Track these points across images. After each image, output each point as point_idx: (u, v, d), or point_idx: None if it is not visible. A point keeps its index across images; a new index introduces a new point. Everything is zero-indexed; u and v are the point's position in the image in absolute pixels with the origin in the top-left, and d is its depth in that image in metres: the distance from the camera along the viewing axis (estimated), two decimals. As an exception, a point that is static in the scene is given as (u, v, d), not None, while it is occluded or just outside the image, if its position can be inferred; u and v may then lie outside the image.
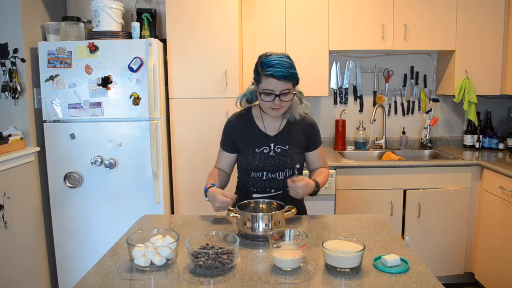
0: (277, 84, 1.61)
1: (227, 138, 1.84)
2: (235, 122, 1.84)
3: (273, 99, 1.64)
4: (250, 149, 1.77)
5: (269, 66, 1.61)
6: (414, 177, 2.92)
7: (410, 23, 3.11)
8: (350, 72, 3.49)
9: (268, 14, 3.09)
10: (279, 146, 1.76)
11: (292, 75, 1.62)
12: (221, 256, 1.25)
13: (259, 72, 1.66)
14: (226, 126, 1.85)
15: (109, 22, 2.73)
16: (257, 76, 1.68)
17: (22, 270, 2.57)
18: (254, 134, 1.79)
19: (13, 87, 2.59)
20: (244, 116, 1.84)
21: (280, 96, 1.63)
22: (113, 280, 1.21)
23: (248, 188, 1.81)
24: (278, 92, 1.63)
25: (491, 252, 2.81)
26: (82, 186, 2.73)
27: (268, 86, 1.63)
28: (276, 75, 1.59)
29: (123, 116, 2.69)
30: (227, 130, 1.85)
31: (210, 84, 2.83)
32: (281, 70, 1.59)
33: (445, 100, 3.53)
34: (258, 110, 1.81)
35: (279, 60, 1.62)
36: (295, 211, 1.57)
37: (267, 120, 1.79)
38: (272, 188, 1.78)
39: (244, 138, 1.79)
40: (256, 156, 1.76)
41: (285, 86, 1.62)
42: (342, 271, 1.24)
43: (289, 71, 1.61)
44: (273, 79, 1.60)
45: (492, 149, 3.34)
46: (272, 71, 1.60)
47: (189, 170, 2.88)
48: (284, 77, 1.60)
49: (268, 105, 1.68)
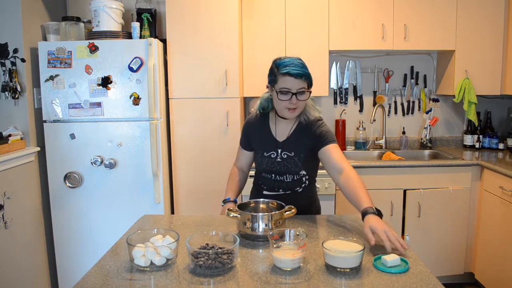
0: (293, 82, 1.66)
1: (245, 137, 1.92)
2: (252, 123, 1.91)
3: (289, 98, 1.68)
4: (260, 152, 1.85)
5: (285, 65, 1.68)
6: (414, 177, 2.91)
7: (410, 23, 3.11)
8: (350, 72, 3.49)
9: (268, 14, 3.09)
10: (285, 152, 1.80)
11: (307, 75, 1.69)
12: (221, 256, 1.25)
13: (275, 72, 1.71)
14: (245, 124, 1.94)
15: (109, 22, 2.73)
16: (273, 77, 1.72)
17: (22, 270, 2.57)
18: (265, 137, 1.85)
19: (13, 87, 2.60)
20: (261, 118, 1.90)
21: (297, 95, 1.68)
22: (113, 280, 1.21)
23: (260, 185, 1.89)
24: (294, 90, 1.67)
25: (491, 252, 2.81)
26: (82, 186, 2.73)
27: (285, 85, 1.67)
28: (292, 73, 1.65)
29: (123, 116, 2.69)
30: (245, 129, 1.93)
31: (210, 84, 2.84)
32: (296, 68, 1.66)
33: (445, 100, 3.53)
34: (274, 115, 1.86)
35: (294, 61, 1.69)
36: (295, 211, 1.57)
37: (279, 125, 1.84)
38: (280, 188, 1.84)
39: (257, 140, 1.87)
40: (264, 159, 1.83)
41: (301, 85, 1.67)
42: (342, 271, 1.24)
43: (304, 70, 1.68)
44: (290, 77, 1.66)
45: (492, 149, 3.34)
46: (288, 69, 1.66)
47: (189, 170, 2.88)
48: (300, 76, 1.66)
49: (284, 105, 1.71)
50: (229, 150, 2.79)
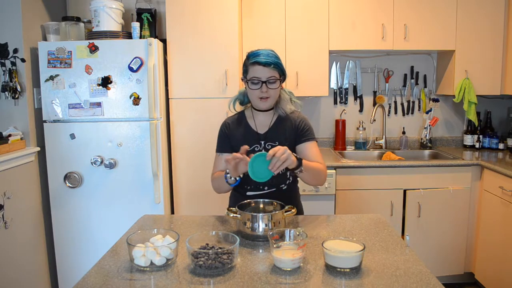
0: (263, 71, 1.70)
1: (224, 139, 1.88)
2: (229, 124, 1.90)
3: (260, 87, 1.71)
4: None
5: (254, 56, 1.73)
6: (414, 177, 2.92)
7: (410, 23, 3.11)
8: (350, 72, 3.49)
9: (268, 14, 3.09)
10: (269, 143, 1.80)
11: (277, 64, 1.72)
12: (221, 256, 1.25)
13: (246, 63, 1.76)
14: (221, 128, 1.91)
15: (109, 22, 2.73)
16: (244, 68, 1.77)
17: (22, 270, 2.57)
18: (246, 133, 1.84)
19: (13, 87, 2.59)
20: (237, 118, 1.90)
21: (267, 84, 1.71)
22: (113, 280, 1.21)
23: (242, 186, 1.84)
24: (264, 79, 1.71)
25: (491, 252, 2.81)
26: (82, 186, 2.73)
27: (254, 74, 1.71)
28: (261, 61, 1.69)
29: (123, 116, 2.69)
30: (222, 132, 1.90)
31: (210, 84, 2.84)
32: (265, 57, 1.70)
33: (445, 100, 3.53)
34: (250, 110, 1.87)
35: (264, 51, 1.73)
36: (295, 211, 1.57)
37: (258, 118, 1.85)
38: (265, 185, 1.81)
39: (237, 137, 1.84)
40: (248, 154, 1.76)
41: (271, 73, 1.71)
42: (342, 271, 1.24)
43: (274, 59, 1.71)
44: (259, 66, 1.70)
45: (492, 149, 3.34)
46: (257, 58, 1.71)
47: (189, 170, 2.88)
48: (269, 64, 1.69)
49: (256, 94, 1.74)
50: (229, 150, 2.79)
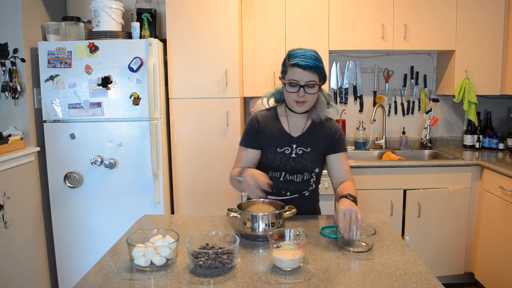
0: (302, 74, 1.61)
1: (252, 134, 1.77)
2: (259, 118, 1.78)
3: (297, 90, 1.62)
4: (272, 148, 1.74)
5: (295, 56, 1.62)
6: (414, 177, 2.92)
7: (410, 23, 3.11)
8: (350, 72, 3.49)
9: (268, 14, 3.09)
10: (301, 148, 1.73)
11: (318, 67, 1.61)
12: (221, 256, 1.25)
13: (285, 63, 1.66)
14: (250, 121, 1.80)
15: (109, 22, 2.73)
16: (283, 68, 1.68)
17: (22, 270, 2.57)
18: (278, 132, 1.75)
19: (13, 87, 2.59)
20: (268, 114, 1.80)
21: (305, 88, 1.62)
22: (113, 280, 1.21)
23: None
24: (303, 82, 1.61)
25: (491, 252, 2.81)
26: (82, 186, 2.73)
27: (293, 76, 1.62)
28: (301, 64, 1.59)
29: (123, 116, 2.69)
30: (251, 126, 1.78)
31: (210, 84, 2.84)
32: (306, 60, 1.60)
33: (445, 100, 3.53)
34: (284, 109, 1.78)
35: (305, 52, 1.63)
36: (295, 211, 1.57)
37: (292, 120, 1.76)
38: (288, 191, 1.75)
39: (268, 135, 1.75)
40: (277, 156, 1.73)
41: (310, 77, 1.61)
42: (342, 271, 1.24)
43: (315, 62, 1.61)
44: (298, 69, 1.60)
45: (492, 149, 3.34)
46: (297, 60, 1.60)
47: (189, 170, 2.88)
48: (309, 67, 1.59)
49: (292, 98, 1.65)
50: (229, 150, 2.79)
